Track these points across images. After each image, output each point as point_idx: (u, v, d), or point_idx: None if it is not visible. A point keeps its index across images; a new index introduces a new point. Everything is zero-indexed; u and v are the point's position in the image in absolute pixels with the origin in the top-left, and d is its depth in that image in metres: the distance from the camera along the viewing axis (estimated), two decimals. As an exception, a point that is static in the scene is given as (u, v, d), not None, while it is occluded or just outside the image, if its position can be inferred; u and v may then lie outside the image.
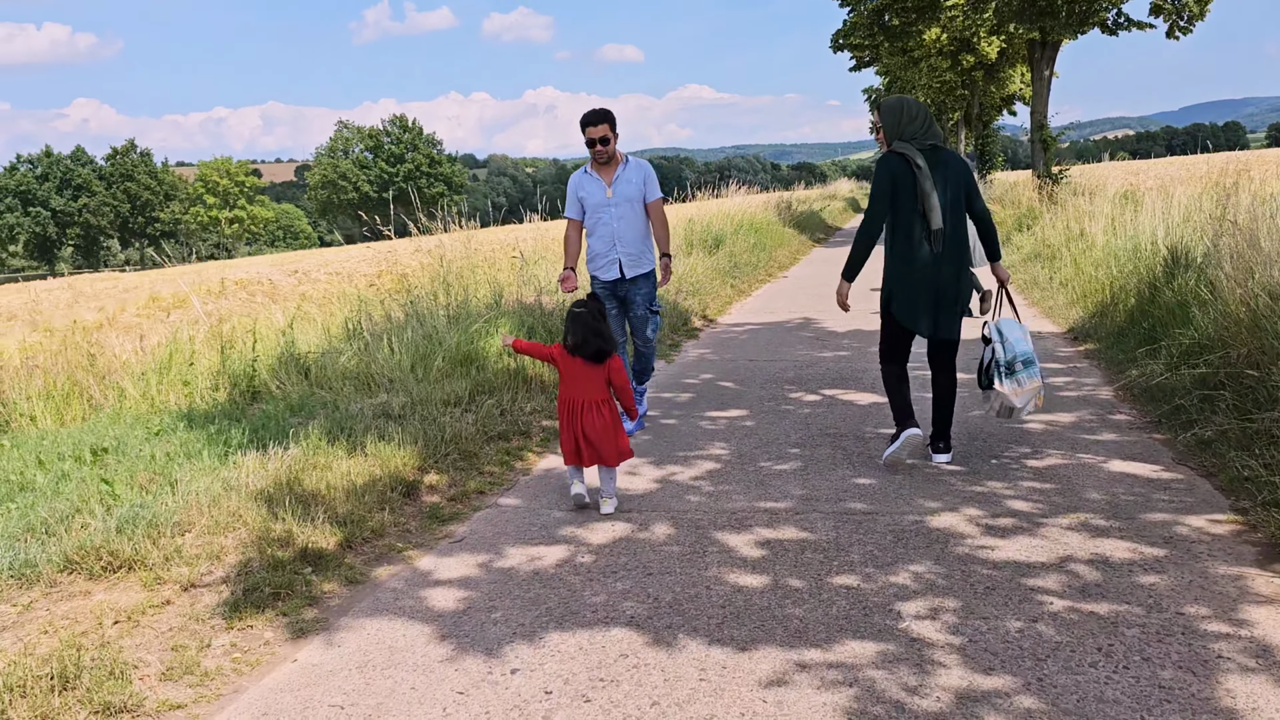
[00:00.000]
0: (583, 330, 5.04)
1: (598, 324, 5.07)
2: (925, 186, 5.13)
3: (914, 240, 5.22)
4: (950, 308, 5.30)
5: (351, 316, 8.55)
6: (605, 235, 6.52)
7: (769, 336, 10.53)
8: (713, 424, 6.79)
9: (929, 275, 5.23)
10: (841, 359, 8.97)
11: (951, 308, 5.31)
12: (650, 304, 6.71)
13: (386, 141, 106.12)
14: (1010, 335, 5.39)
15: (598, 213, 6.51)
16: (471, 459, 5.94)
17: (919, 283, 5.25)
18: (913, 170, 5.14)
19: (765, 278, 16.45)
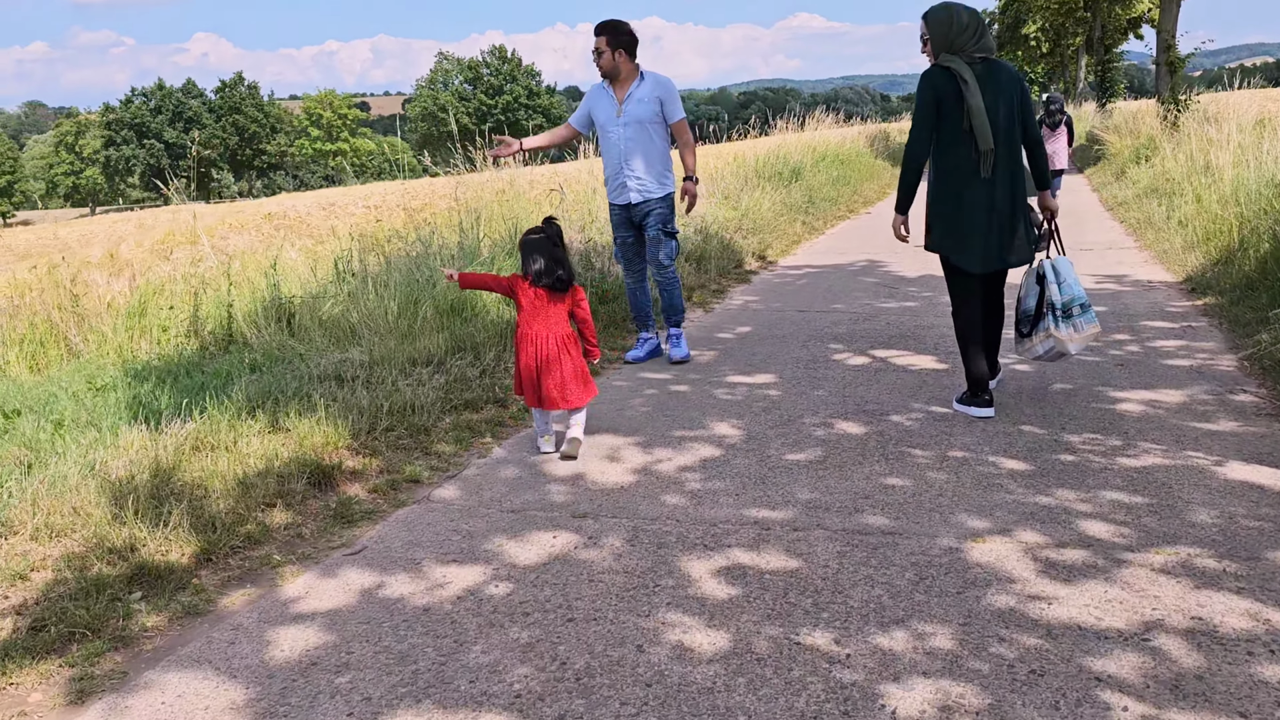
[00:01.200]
0: (542, 256, 4.59)
1: (556, 250, 4.62)
2: (973, 103, 4.64)
3: (961, 164, 4.75)
4: (1002, 237, 4.81)
5: (341, 257, 7.57)
6: (613, 156, 6.14)
7: (829, 282, 9.22)
8: (730, 393, 5.62)
9: (978, 201, 4.77)
10: (906, 311, 7.66)
11: (1003, 237, 4.81)
12: (664, 224, 6.22)
13: (486, 73, 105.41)
14: (1066, 275, 4.96)
15: (605, 131, 6.14)
16: (420, 435, 4.91)
17: (966, 210, 4.80)
18: (959, 85, 4.67)
19: (845, 213, 14.98)
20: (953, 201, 4.81)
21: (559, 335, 4.60)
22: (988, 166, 4.70)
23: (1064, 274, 4.97)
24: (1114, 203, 14.12)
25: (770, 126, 18.34)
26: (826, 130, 19.67)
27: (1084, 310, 4.93)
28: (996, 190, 4.74)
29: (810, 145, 17.48)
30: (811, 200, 14.51)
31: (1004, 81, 4.74)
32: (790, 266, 10.38)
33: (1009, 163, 4.74)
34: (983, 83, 4.68)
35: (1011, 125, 4.75)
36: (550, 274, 4.57)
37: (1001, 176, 4.73)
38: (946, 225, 4.85)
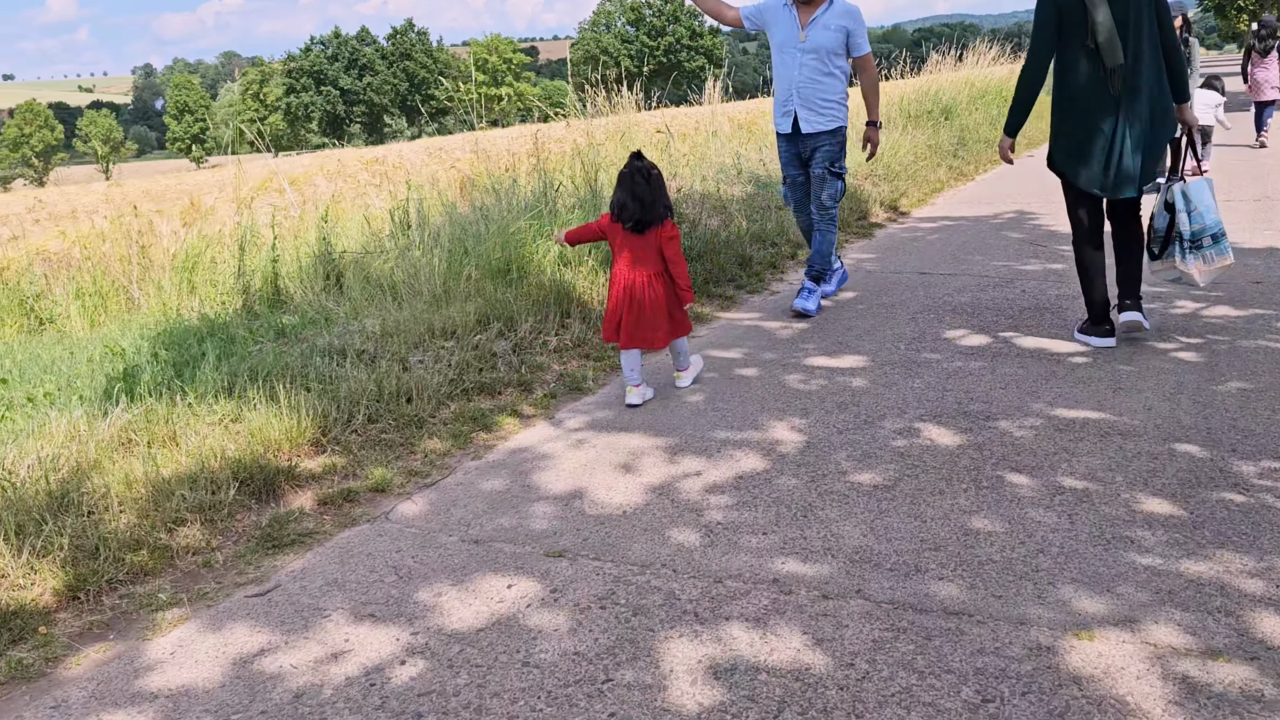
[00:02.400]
0: (622, 193, 4.31)
1: (637, 186, 4.27)
2: (1097, 16, 4.35)
3: (1087, 81, 4.46)
4: (1131, 161, 4.48)
5: (397, 208, 6.82)
6: (784, 82, 5.68)
7: (965, 237, 7.92)
8: (804, 381, 4.57)
9: (1105, 121, 4.46)
10: (1049, 276, 6.35)
11: (1133, 161, 4.48)
12: (831, 163, 5.72)
13: (648, 14, 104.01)
14: (1199, 202, 4.57)
15: (781, 53, 5.66)
16: (410, 428, 4.09)
17: (1092, 130, 4.49)
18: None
19: (999, 160, 13.35)
20: (1077, 120, 4.53)
21: (647, 273, 4.33)
22: (1116, 84, 4.41)
23: (1195, 200, 4.57)
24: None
25: (930, 62, 16.64)
26: (989, 67, 17.76)
27: (1215, 241, 4.56)
28: (1126, 108, 4.43)
29: (968, 81, 15.74)
30: (963, 142, 12.95)
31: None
32: (924, 218, 9.07)
33: (1142, 79, 4.42)
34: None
35: (1142, 37, 4.39)
36: (626, 212, 4.29)
37: (1134, 94, 4.42)
38: (1070, 145, 4.58)
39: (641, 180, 4.28)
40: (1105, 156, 4.49)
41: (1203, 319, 5.15)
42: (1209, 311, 5.28)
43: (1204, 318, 5.17)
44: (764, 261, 7.00)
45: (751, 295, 6.36)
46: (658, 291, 4.34)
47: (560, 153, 11.09)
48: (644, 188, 4.27)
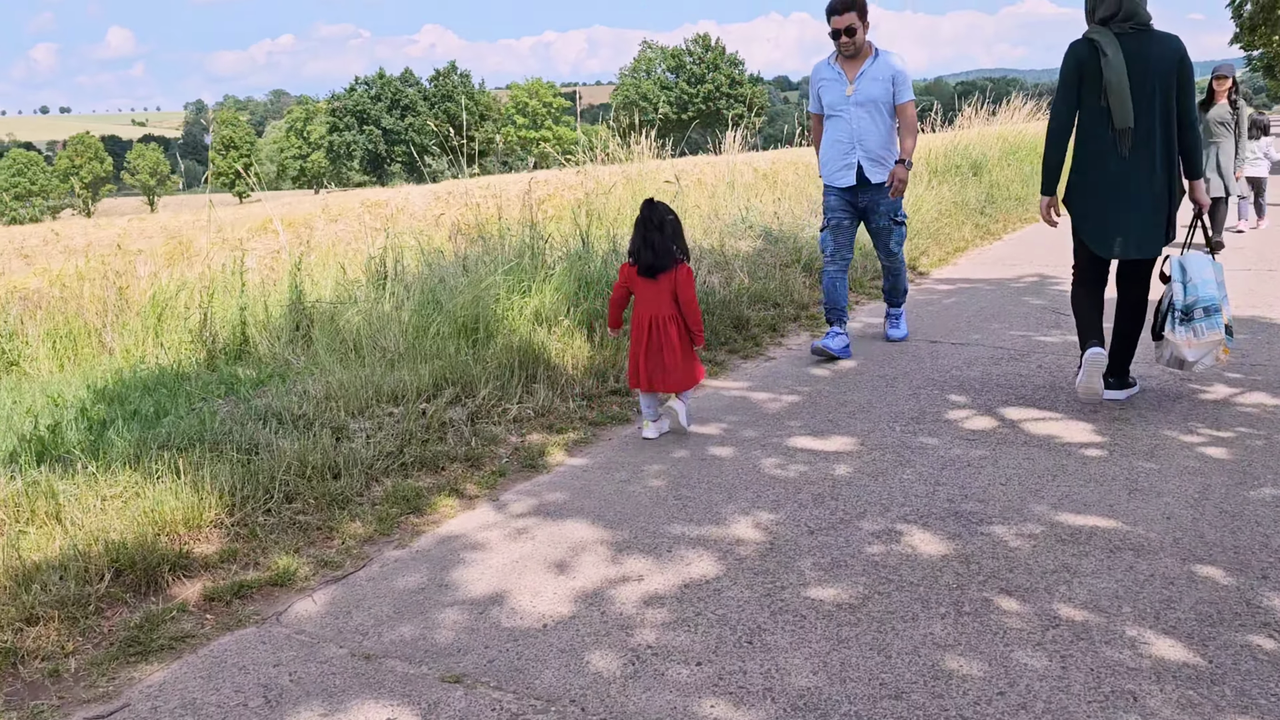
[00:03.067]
0: (637, 238, 4.47)
1: (650, 233, 4.41)
2: (1110, 77, 4.35)
3: (1099, 142, 4.48)
4: (1135, 225, 4.48)
5: (374, 257, 6.46)
6: (843, 136, 5.79)
7: (983, 302, 7.43)
8: (782, 467, 4.10)
9: (1113, 183, 4.48)
10: (1069, 349, 5.85)
11: (1138, 226, 4.48)
12: (894, 214, 5.95)
13: (689, 61, 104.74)
14: (1195, 274, 4.51)
15: (835, 110, 5.80)
16: (333, 508, 3.66)
17: (1103, 192, 4.52)
18: (1099, 57, 4.40)
19: (1031, 216, 12.84)
20: (1089, 177, 4.56)
21: (660, 316, 4.42)
22: (1125, 146, 4.40)
23: (1193, 273, 4.49)
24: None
25: (962, 116, 16.20)
26: (1023, 122, 17.31)
27: (1208, 314, 4.45)
28: (1136, 173, 4.42)
29: (1000, 135, 15.30)
30: (991, 199, 12.49)
31: (1156, 56, 4.36)
32: (943, 280, 8.59)
33: (1155, 144, 4.39)
34: (1130, 57, 4.35)
35: (1156, 103, 4.36)
36: (639, 257, 4.42)
37: (1143, 159, 4.40)
38: (1081, 201, 4.62)
39: (654, 227, 4.39)
40: (1113, 219, 4.50)
41: (1236, 408, 4.63)
42: (1244, 399, 4.76)
43: (1238, 406, 4.65)
44: (763, 324, 6.56)
45: (745, 361, 5.91)
46: (672, 335, 4.42)
47: (567, 200, 10.80)
48: (656, 234, 4.39)
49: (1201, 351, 4.50)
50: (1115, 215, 4.49)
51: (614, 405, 4.96)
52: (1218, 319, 4.47)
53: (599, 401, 4.99)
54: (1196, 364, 4.55)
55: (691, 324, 4.47)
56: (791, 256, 7.95)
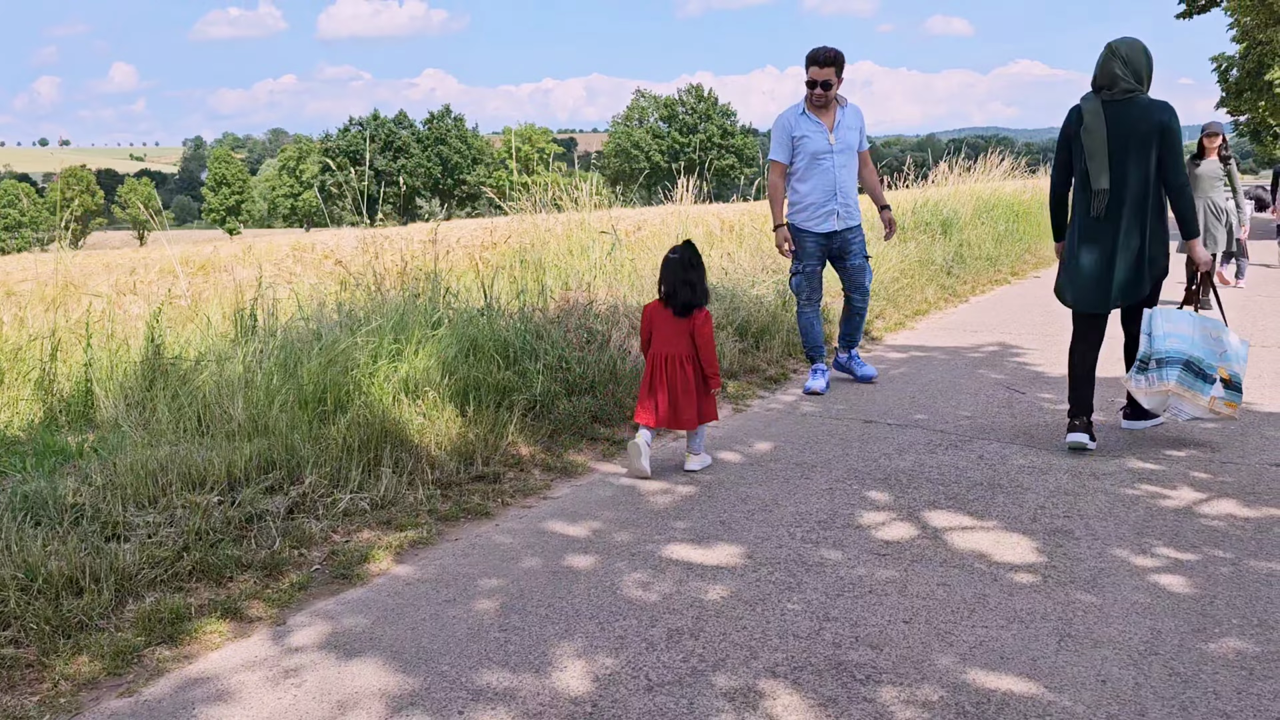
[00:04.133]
0: (672, 278, 4.61)
1: (688, 273, 4.60)
2: (1085, 141, 4.59)
3: (1081, 203, 4.73)
4: (1123, 275, 4.65)
5: (242, 309, 5.75)
6: (825, 184, 5.99)
7: (935, 374, 6.73)
8: (645, 588, 3.36)
9: (1088, 241, 4.69)
10: (1020, 435, 5.14)
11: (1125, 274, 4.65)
12: (864, 251, 6.29)
13: (681, 111, 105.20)
14: (1159, 329, 4.64)
15: (818, 160, 5.98)
16: (59, 637, 2.90)
17: (1078, 249, 4.75)
18: (1081, 121, 4.64)
19: (1004, 277, 12.22)
20: (1073, 236, 4.79)
21: (679, 354, 4.58)
22: (1099, 207, 4.61)
23: (1157, 327, 4.67)
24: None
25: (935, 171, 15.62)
26: (1000, 180, 16.77)
27: (1160, 365, 4.61)
28: (1115, 232, 4.63)
29: (974, 193, 14.72)
30: (960, 258, 11.85)
31: (1136, 119, 4.54)
32: (896, 346, 7.90)
33: (1133, 206, 4.59)
34: (1112, 122, 4.57)
35: (1134, 167, 4.55)
36: (677, 297, 4.60)
37: (1122, 218, 4.61)
38: (1068, 256, 4.85)
39: (692, 267, 4.60)
40: (1087, 276, 4.72)
41: (1200, 519, 3.91)
42: (1210, 507, 4.04)
43: (1202, 517, 3.93)
44: (680, 395, 5.84)
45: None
46: (689, 374, 4.57)
47: (514, 248, 10.16)
48: (694, 273, 4.60)
49: (1154, 401, 4.68)
50: (1095, 271, 4.70)
51: (475, 495, 4.23)
52: (1172, 371, 4.58)
53: (458, 490, 4.26)
54: (1167, 414, 4.75)
55: (707, 366, 4.62)
56: (725, 318, 7.26)
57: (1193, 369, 4.60)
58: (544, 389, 5.17)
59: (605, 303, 7.15)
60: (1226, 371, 4.64)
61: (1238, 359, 4.74)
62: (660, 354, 4.60)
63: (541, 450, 4.80)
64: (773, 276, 9.30)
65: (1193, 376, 4.60)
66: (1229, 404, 4.64)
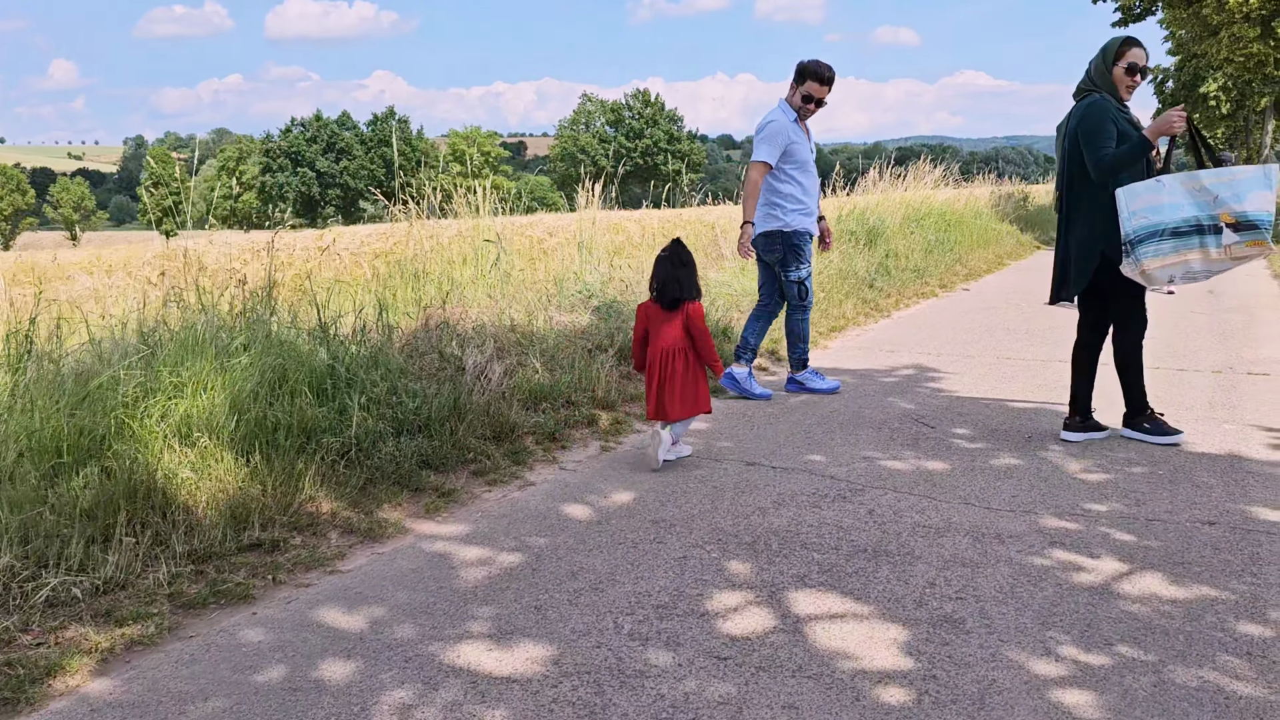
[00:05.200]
0: (661, 275, 4.77)
1: (676, 269, 4.75)
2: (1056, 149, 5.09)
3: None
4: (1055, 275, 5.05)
5: (18, 330, 4.86)
6: (813, 189, 6.19)
7: (838, 404, 6.03)
8: (401, 713, 2.58)
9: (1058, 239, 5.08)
10: (920, 480, 4.43)
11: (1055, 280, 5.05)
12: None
13: (628, 115, 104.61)
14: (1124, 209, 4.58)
15: (806, 168, 6.12)
16: None
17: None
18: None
19: (930, 290, 11.61)
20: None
21: (672, 348, 4.70)
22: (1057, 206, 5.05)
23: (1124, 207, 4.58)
24: (1303, 297, 10.35)
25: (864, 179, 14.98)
26: (933, 189, 16.22)
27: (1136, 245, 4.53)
28: (1060, 233, 5.00)
29: (905, 201, 14.13)
30: (884, 270, 11.22)
31: (1070, 120, 4.84)
32: (803, 369, 7.20)
33: (1065, 206, 4.92)
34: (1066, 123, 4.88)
35: (1065, 166, 4.86)
36: (665, 293, 4.73)
37: (1061, 219, 4.99)
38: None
39: (680, 264, 4.75)
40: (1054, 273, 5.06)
41: (1119, 602, 3.21)
42: (1131, 585, 3.35)
43: (1121, 599, 3.24)
44: (539, 432, 5.07)
45: (489, 490, 4.40)
46: (678, 366, 4.70)
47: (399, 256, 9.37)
48: (682, 270, 4.74)
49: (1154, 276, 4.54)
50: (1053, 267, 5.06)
51: (240, 571, 3.41)
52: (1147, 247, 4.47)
53: (219, 565, 3.44)
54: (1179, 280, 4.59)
55: (706, 356, 4.78)
56: (609, 339, 6.50)
57: (1182, 232, 4.43)
58: (365, 429, 4.37)
59: (474, 321, 6.36)
60: (1230, 215, 4.38)
61: (1243, 195, 4.37)
62: (658, 349, 4.74)
63: (347, 506, 3.99)
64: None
65: (1188, 237, 4.43)
66: (1253, 243, 4.37)
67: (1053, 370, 7.02)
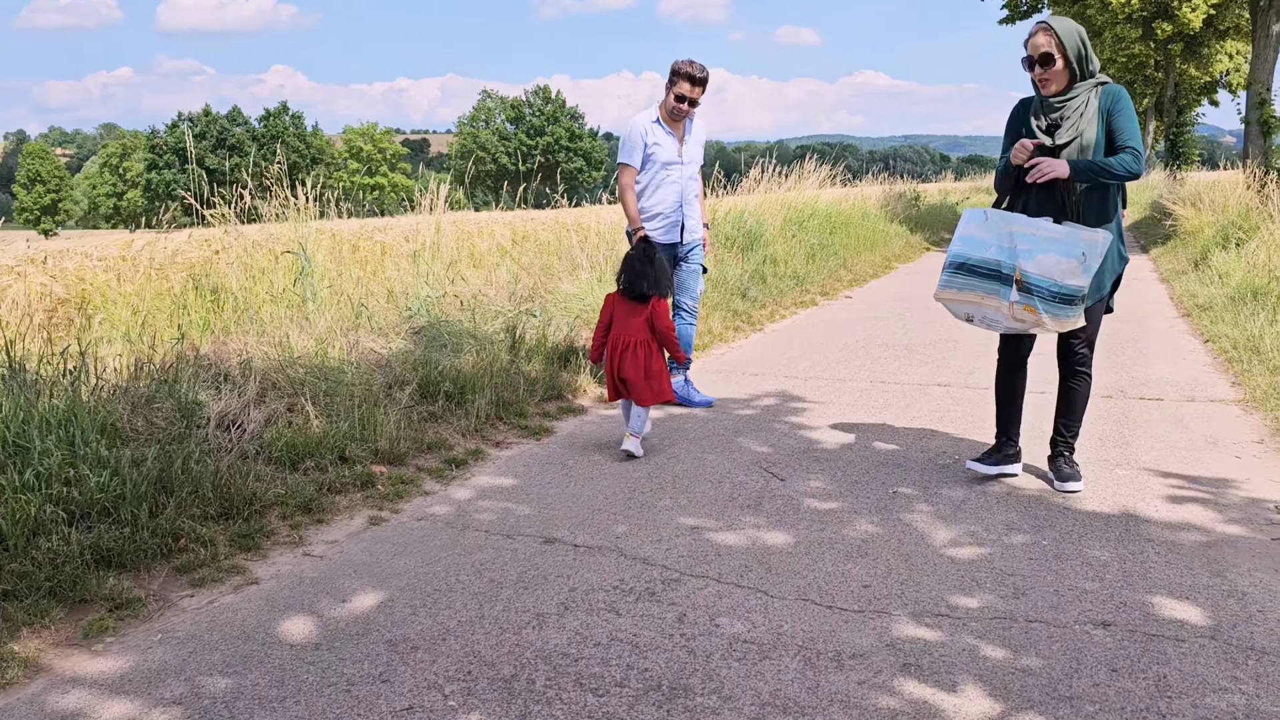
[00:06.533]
0: (628, 271, 5.09)
1: (643, 266, 5.07)
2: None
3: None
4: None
5: None
6: (673, 195, 5.95)
7: (681, 449, 5.10)
8: None
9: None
10: (757, 558, 3.52)
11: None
12: (700, 260, 6.22)
13: (528, 113, 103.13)
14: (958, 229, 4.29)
15: (666, 170, 5.92)
16: None
17: None
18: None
19: (810, 298, 10.82)
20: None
21: (635, 339, 5.01)
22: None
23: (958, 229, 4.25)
24: (1192, 304, 9.84)
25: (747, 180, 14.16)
26: (819, 188, 15.50)
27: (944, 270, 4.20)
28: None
29: (786, 203, 13.35)
30: (760, 277, 10.39)
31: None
32: (651, 399, 6.27)
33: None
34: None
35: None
36: (633, 288, 5.05)
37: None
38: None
39: (648, 261, 5.08)
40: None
41: None
42: (1002, 739, 2.47)
43: None
44: (289, 502, 4.01)
45: (190, 594, 3.34)
46: (640, 358, 4.98)
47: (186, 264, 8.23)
48: (649, 266, 5.07)
49: (956, 309, 4.22)
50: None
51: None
52: (944, 275, 4.20)
53: None
54: (979, 322, 4.17)
55: (670, 350, 5.18)
56: (411, 371, 5.47)
57: (981, 272, 4.07)
58: (15, 518, 3.27)
59: (240, 352, 5.27)
60: (1019, 272, 3.98)
61: (1034, 253, 3.96)
62: (618, 338, 5.02)
63: (-41, 638, 2.90)
64: (522, 305, 7.59)
65: (988, 280, 4.06)
66: (1027, 309, 3.98)
67: (929, 397, 6.23)
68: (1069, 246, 3.94)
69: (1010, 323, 4.08)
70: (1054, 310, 3.97)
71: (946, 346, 8.00)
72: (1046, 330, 4.07)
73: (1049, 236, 3.97)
